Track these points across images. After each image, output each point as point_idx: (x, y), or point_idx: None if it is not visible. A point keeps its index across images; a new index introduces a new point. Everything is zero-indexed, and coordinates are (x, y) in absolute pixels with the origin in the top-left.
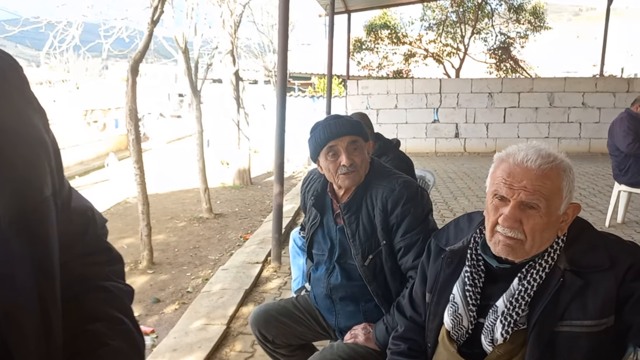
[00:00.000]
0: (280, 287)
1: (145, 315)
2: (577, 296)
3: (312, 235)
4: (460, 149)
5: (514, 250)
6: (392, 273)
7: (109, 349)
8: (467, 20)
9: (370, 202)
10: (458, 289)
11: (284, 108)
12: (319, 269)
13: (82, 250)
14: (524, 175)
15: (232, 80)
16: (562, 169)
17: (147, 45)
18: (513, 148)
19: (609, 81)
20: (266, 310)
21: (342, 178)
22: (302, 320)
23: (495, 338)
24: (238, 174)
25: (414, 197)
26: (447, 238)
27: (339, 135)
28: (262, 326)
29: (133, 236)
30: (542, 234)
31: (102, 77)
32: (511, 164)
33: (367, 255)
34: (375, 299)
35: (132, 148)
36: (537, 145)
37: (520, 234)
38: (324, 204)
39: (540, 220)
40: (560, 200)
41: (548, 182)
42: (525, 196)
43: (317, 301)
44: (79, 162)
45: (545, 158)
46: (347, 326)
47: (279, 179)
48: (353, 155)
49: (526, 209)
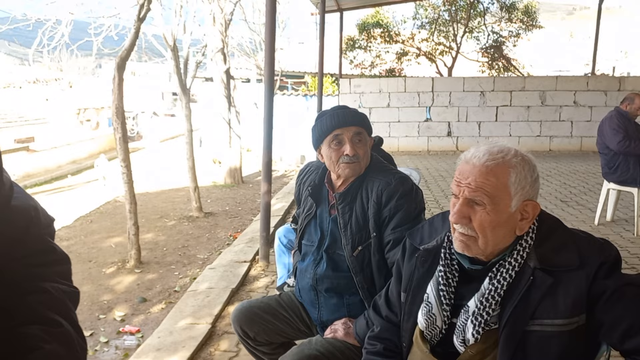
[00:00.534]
0: (268, 286)
1: (132, 314)
2: (547, 295)
3: (305, 227)
4: (453, 148)
5: (468, 247)
6: (378, 267)
7: (42, 352)
8: (459, 19)
9: (365, 194)
10: (432, 288)
11: (272, 106)
12: (305, 260)
13: (23, 252)
14: (470, 172)
15: (223, 78)
16: (509, 165)
17: (134, 42)
18: (472, 147)
19: (601, 80)
20: (248, 307)
21: (343, 167)
22: (285, 318)
23: (467, 338)
24: (229, 173)
25: (409, 193)
26: (422, 237)
27: (346, 124)
28: (244, 323)
29: (121, 235)
30: (493, 232)
31: (96, 76)
32: (463, 162)
33: (357, 246)
34: (360, 292)
35: (119, 147)
36: (495, 142)
37: (471, 231)
38: (320, 195)
39: (488, 217)
40: (509, 197)
41: (492, 179)
42: (468, 193)
43: (301, 294)
44: (72, 161)
45: (492, 155)
46: (329, 320)
47: (266, 177)
48: (357, 146)
49: (474, 206)
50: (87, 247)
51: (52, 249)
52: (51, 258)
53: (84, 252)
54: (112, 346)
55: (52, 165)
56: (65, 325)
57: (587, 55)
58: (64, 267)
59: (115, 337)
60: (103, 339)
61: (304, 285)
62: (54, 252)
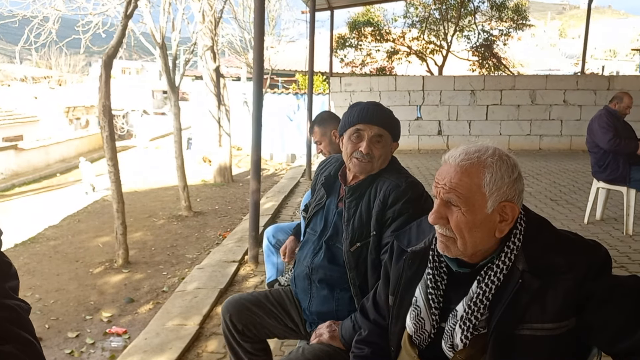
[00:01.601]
0: (257, 286)
1: (119, 315)
2: (536, 298)
3: (313, 216)
4: (443, 146)
5: (447, 248)
6: (373, 266)
7: None
8: (450, 18)
9: (374, 192)
10: (420, 291)
11: (261, 104)
12: (305, 248)
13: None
14: (447, 172)
15: (213, 76)
16: (484, 165)
17: (121, 40)
18: (455, 147)
19: (590, 79)
20: (239, 299)
21: (354, 162)
22: (273, 313)
23: (456, 343)
24: (219, 171)
25: (417, 199)
26: (409, 239)
27: (370, 122)
28: (233, 314)
29: (109, 235)
30: (470, 233)
31: (85, 74)
32: (442, 163)
33: (356, 242)
34: (352, 289)
35: (106, 145)
36: (475, 142)
37: (449, 232)
38: (332, 187)
39: (463, 217)
40: (483, 199)
41: (465, 179)
42: (443, 193)
43: (296, 282)
44: (61, 160)
45: (468, 154)
46: (317, 311)
47: (255, 176)
48: (374, 147)
49: (450, 206)
50: (74, 247)
51: (9, 263)
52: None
53: (70, 252)
54: (99, 347)
55: (41, 164)
56: (35, 343)
57: (576, 54)
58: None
59: (101, 339)
60: (89, 340)
61: (299, 273)
62: (11, 267)
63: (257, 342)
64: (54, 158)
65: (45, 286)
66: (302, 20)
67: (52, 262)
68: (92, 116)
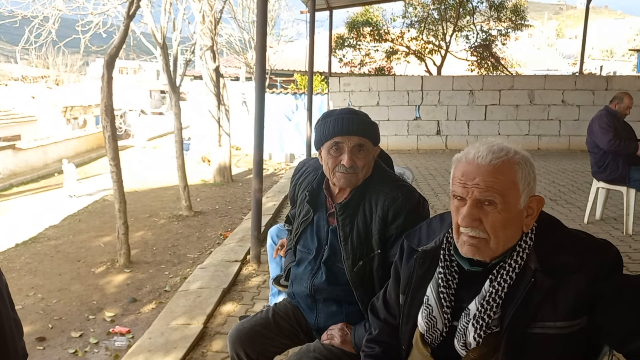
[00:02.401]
0: (259, 286)
1: (122, 315)
2: (548, 297)
3: (301, 233)
4: (442, 146)
5: (479, 250)
6: (381, 283)
7: None
8: (448, 18)
9: (368, 207)
10: (432, 290)
11: (263, 105)
12: (301, 266)
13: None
14: (476, 172)
15: (213, 76)
16: (514, 162)
17: (123, 40)
18: (469, 147)
19: (588, 79)
20: (249, 327)
21: (338, 176)
22: (286, 329)
23: (468, 342)
24: (219, 171)
25: (417, 208)
26: (420, 238)
27: (349, 133)
28: (246, 345)
29: (111, 234)
30: (504, 231)
31: (83, 74)
32: (464, 162)
33: (358, 261)
34: (360, 305)
35: (109, 145)
36: (492, 141)
37: (483, 233)
38: (317, 201)
39: (499, 216)
40: (518, 194)
41: (501, 177)
42: (478, 193)
43: (297, 299)
44: (58, 160)
45: (496, 153)
46: (326, 326)
47: (257, 175)
48: (356, 157)
49: (483, 206)
50: (75, 247)
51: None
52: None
53: (72, 252)
54: (102, 347)
55: (39, 163)
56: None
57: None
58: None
59: (105, 338)
60: (93, 340)
61: (300, 292)
62: (2, 276)
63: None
64: (52, 158)
65: (48, 286)
66: (301, 20)
67: (54, 261)
68: (89, 116)
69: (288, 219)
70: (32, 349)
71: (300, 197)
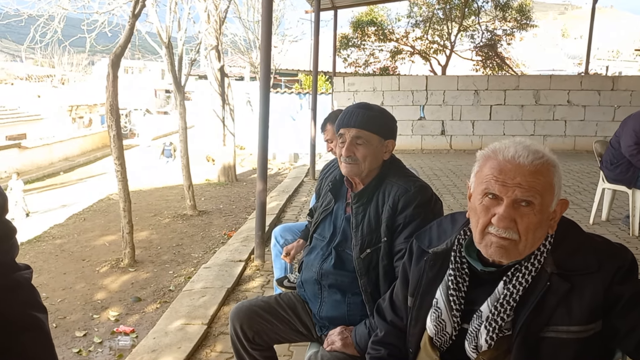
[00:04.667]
0: (263, 286)
1: (126, 314)
2: (563, 301)
3: (320, 221)
4: (446, 146)
5: (507, 252)
6: (385, 272)
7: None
8: (453, 18)
9: (381, 198)
10: (441, 293)
11: (268, 105)
12: (313, 253)
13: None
14: (517, 171)
15: (217, 76)
16: (552, 164)
17: (129, 39)
18: (498, 145)
19: (594, 79)
20: (249, 306)
21: (343, 165)
22: (284, 318)
23: (480, 344)
24: (223, 171)
25: (427, 202)
26: (430, 239)
27: (348, 125)
28: (244, 322)
29: (115, 233)
30: (535, 233)
31: (88, 73)
32: (501, 160)
33: (365, 249)
34: (363, 295)
35: (114, 144)
36: (523, 141)
37: (515, 234)
38: (339, 192)
39: (535, 218)
40: (552, 196)
41: (541, 178)
42: (520, 193)
43: (304, 287)
44: (64, 158)
45: (535, 154)
46: (328, 316)
47: (262, 176)
48: (355, 149)
49: (520, 207)
50: (80, 246)
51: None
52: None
53: (77, 251)
54: (106, 347)
55: (44, 162)
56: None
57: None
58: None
59: (109, 338)
60: (97, 339)
61: (308, 278)
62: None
63: (265, 349)
64: (57, 156)
65: (52, 285)
66: (306, 20)
67: (59, 260)
68: (94, 115)
69: (311, 212)
70: None
71: (324, 188)
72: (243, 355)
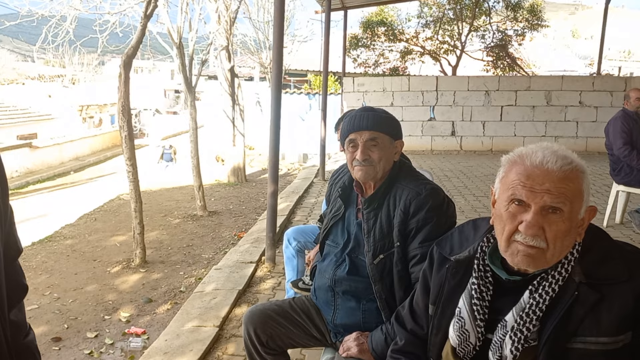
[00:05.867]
0: (274, 288)
1: (137, 315)
2: (591, 311)
3: (331, 227)
4: (457, 147)
5: (535, 260)
6: (399, 278)
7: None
8: (464, 18)
9: (392, 202)
10: (464, 302)
11: (279, 106)
12: (326, 260)
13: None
14: (546, 177)
15: (228, 76)
16: (581, 170)
17: (140, 40)
18: (524, 149)
19: (606, 80)
20: (263, 310)
21: (356, 170)
22: (298, 322)
23: (504, 355)
24: (233, 171)
25: (440, 206)
26: (452, 246)
27: (360, 129)
28: (258, 326)
29: (126, 234)
30: (563, 241)
31: (98, 73)
32: (528, 166)
33: (378, 254)
34: (378, 302)
35: (125, 145)
36: (550, 145)
37: (542, 242)
38: (349, 198)
39: (563, 225)
40: (581, 204)
41: (571, 184)
42: (550, 199)
43: (317, 294)
44: (74, 158)
45: (564, 159)
46: (343, 324)
47: (273, 178)
48: (370, 151)
49: (548, 215)
50: (91, 246)
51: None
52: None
53: (88, 251)
54: (118, 348)
55: (55, 162)
56: None
57: (590, 54)
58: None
59: (120, 339)
60: (108, 340)
61: (321, 285)
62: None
63: (279, 354)
64: (68, 156)
65: (64, 285)
66: (315, 20)
67: (70, 261)
68: (105, 114)
69: (321, 218)
70: (47, 349)
71: (333, 194)
72: (256, 359)
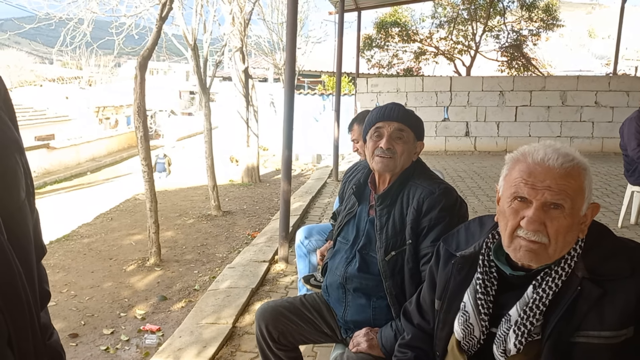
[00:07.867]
0: (287, 286)
1: (152, 312)
2: (594, 306)
3: (344, 224)
4: (471, 148)
5: (537, 256)
6: (410, 275)
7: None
8: (478, 18)
9: (406, 200)
10: (469, 296)
11: (292, 106)
12: (337, 257)
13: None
14: (547, 174)
15: (242, 77)
16: (582, 167)
17: (156, 42)
18: (527, 148)
19: (623, 80)
20: (274, 307)
21: (377, 160)
22: (309, 319)
23: (508, 349)
24: (247, 172)
25: (453, 205)
26: (458, 242)
27: (389, 119)
28: (270, 322)
29: (141, 233)
30: (565, 237)
31: (115, 75)
32: (530, 163)
33: (390, 251)
34: (388, 298)
35: (141, 145)
36: (553, 144)
37: (544, 238)
38: (362, 194)
39: (565, 221)
40: (583, 200)
41: (572, 181)
42: (550, 196)
43: (328, 291)
44: (91, 158)
45: (565, 157)
46: (353, 320)
47: (286, 177)
48: (395, 142)
49: (549, 210)
50: (107, 245)
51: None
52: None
53: (104, 250)
54: (133, 345)
55: (72, 162)
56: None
57: (606, 54)
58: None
59: (136, 336)
60: (124, 337)
61: (333, 282)
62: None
63: (291, 350)
64: (85, 157)
65: (80, 283)
66: (329, 21)
67: (87, 259)
68: (121, 116)
69: (334, 215)
70: (65, 345)
71: (347, 192)
72: (268, 355)
